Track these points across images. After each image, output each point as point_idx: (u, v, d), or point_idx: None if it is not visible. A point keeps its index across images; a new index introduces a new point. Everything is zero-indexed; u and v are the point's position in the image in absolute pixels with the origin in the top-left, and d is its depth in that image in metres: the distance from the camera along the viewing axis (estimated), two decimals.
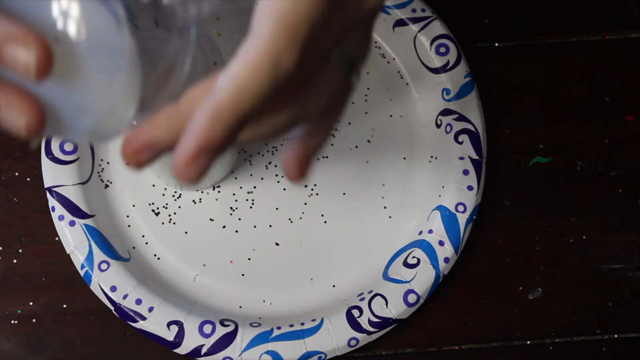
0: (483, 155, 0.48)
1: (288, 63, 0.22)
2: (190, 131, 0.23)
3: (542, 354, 0.49)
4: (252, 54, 0.22)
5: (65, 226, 0.46)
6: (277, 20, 0.22)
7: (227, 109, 0.22)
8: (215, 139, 0.23)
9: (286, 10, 0.22)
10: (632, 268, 0.50)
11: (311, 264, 0.48)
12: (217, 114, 0.22)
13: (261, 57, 0.22)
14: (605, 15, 0.53)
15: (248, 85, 0.22)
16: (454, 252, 0.47)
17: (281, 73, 0.22)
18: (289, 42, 0.22)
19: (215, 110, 0.22)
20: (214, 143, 0.23)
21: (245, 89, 0.22)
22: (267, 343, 0.45)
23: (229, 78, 0.22)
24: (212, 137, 0.23)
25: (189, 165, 0.23)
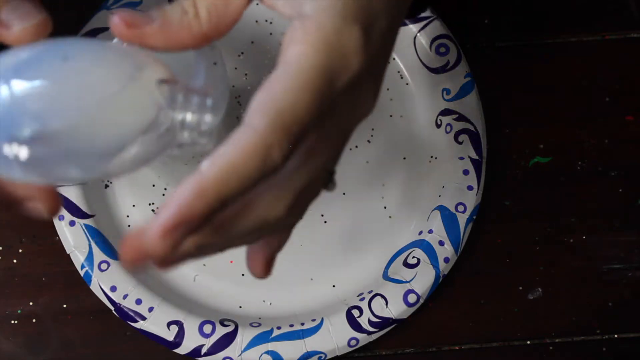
0: (483, 155, 0.48)
1: (277, 157, 0.24)
2: (171, 202, 0.23)
3: (542, 354, 0.49)
4: (245, 141, 0.23)
5: (65, 226, 0.46)
6: (272, 116, 0.23)
7: (212, 188, 0.23)
8: (194, 215, 0.23)
9: (282, 108, 0.24)
10: (632, 268, 0.50)
11: (311, 264, 0.48)
12: (201, 190, 0.23)
13: (253, 146, 0.23)
14: (605, 15, 0.53)
15: (237, 170, 0.23)
16: (454, 252, 0.47)
17: (269, 165, 0.24)
18: (282, 137, 0.23)
19: (200, 186, 0.23)
20: (192, 218, 0.23)
21: (233, 172, 0.23)
22: (267, 343, 0.45)
23: (219, 159, 0.23)
24: (192, 212, 0.23)
25: (165, 236, 0.23)
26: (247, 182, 0.24)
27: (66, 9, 0.48)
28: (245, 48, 0.51)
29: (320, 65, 0.24)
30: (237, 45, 0.51)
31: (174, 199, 0.23)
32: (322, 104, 0.24)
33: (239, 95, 0.50)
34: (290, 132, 0.24)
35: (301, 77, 0.24)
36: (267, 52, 0.51)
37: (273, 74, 0.25)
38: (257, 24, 0.51)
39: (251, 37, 0.51)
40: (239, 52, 0.51)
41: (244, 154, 0.23)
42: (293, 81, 0.24)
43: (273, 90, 0.24)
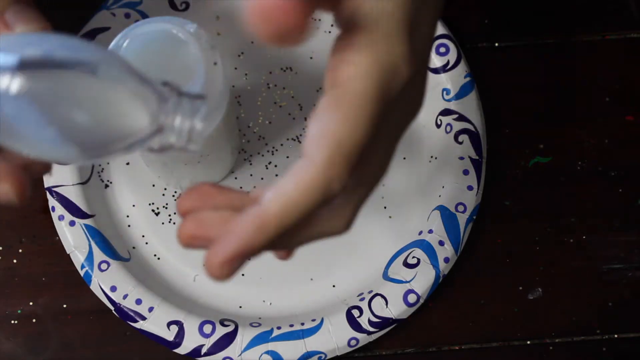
0: (483, 155, 0.48)
1: (337, 188, 0.24)
2: (231, 234, 0.24)
3: (542, 354, 0.49)
4: (305, 177, 0.24)
5: (65, 226, 0.46)
6: (331, 148, 0.24)
7: (273, 222, 0.24)
8: (254, 247, 0.24)
9: (340, 138, 0.24)
10: (632, 268, 0.50)
11: (311, 264, 0.48)
12: (262, 224, 0.24)
13: (314, 181, 0.24)
14: (605, 15, 0.53)
15: (298, 205, 0.24)
16: (454, 252, 0.47)
17: (328, 196, 0.24)
18: (342, 169, 0.24)
19: (261, 221, 0.24)
20: (252, 250, 0.24)
21: (295, 207, 0.24)
22: (267, 343, 0.45)
23: (281, 194, 0.24)
24: (252, 245, 0.24)
25: (224, 266, 0.24)
26: (307, 215, 0.24)
27: (66, 9, 0.48)
28: (245, 48, 0.51)
29: (375, 88, 0.24)
30: (237, 45, 0.51)
31: (234, 231, 0.24)
32: (379, 123, 0.25)
33: (239, 95, 0.50)
34: (350, 162, 0.24)
35: (357, 104, 0.24)
36: (267, 52, 0.51)
37: (324, 99, 0.25)
38: None
39: (251, 37, 0.51)
40: (239, 52, 0.51)
41: (305, 189, 0.24)
42: (349, 108, 0.24)
43: (329, 119, 0.24)
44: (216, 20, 0.51)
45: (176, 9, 0.50)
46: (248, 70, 0.50)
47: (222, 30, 0.51)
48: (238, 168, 0.49)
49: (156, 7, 0.49)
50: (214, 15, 0.51)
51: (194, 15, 0.50)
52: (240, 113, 0.50)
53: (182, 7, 0.50)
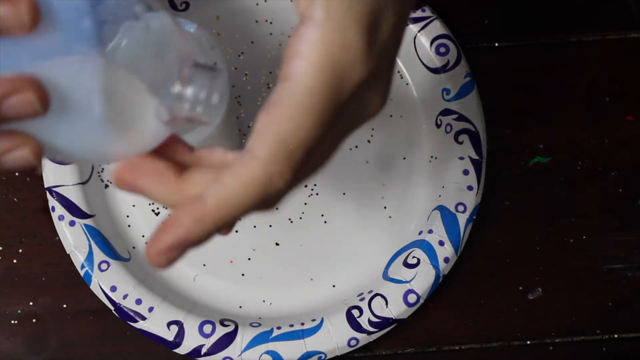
0: (483, 155, 0.48)
1: (280, 185, 0.24)
2: (169, 224, 0.24)
3: (542, 354, 0.49)
4: (246, 171, 0.24)
5: (65, 226, 0.46)
6: (275, 144, 0.24)
7: (211, 215, 0.24)
8: (191, 239, 0.24)
9: (285, 136, 0.24)
10: (632, 268, 0.50)
11: (311, 264, 0.48)
12: (200, 216, 0.24)
13: (255, 176, 0.24)
14: (605, 15, 0.53)
15: (236, 199, 0.24)
16: (454, 252, 0.47)
17: (272, 193, 0.24)
18: (284, 167, 0.24)
19: (199, 213, 0.24)
20: (189, 241, 0.24)
21: (233, 201, 0.24)
22: (267, 343, 0.45)
23: (221, 188, 0.24)
24: (189, 236, 0.24)
25: (160, 255, 0.25)
26: (246, 210, 0.24)
27: None
28: (245, 48, 0.51)
29: (325, 87, 0.24)
30: (237, 45, 0.51)
31: (173, 222, 0.24)
32: (327, 122, 0.24)
33: (239, 95, 0.50)
34: (294, 160, 0.24)
35: (305, 101, 0.24)
36: (267, 52, 0.51)
37: (275, 92, 0.24)
38: (257, 24, 0.51)
39: (251, 37, 0.51)
40: (239, 52, 0.51)
41: (245, 185, 0.24)
42: (297, 106, 0.24)
43: (276, 114, 0.24)
44: (216, 20, 0.51)
45: (176, 9, 0.50)
46: (248, 70, 0.50)
47: (222, 30, 0.51)
48: None
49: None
50: (214, 15, 0.51)
51: (194, 15, 0.50)
52: (240, 113, 0.50)
53: (182, 7, 0.50)
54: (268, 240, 0.48)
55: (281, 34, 0.51)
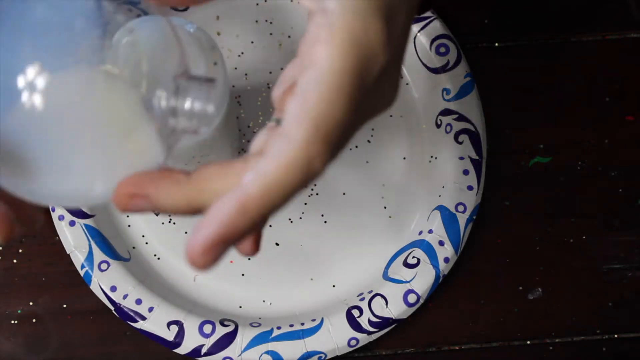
0: (483, 155, 0.48)
1: (319, 167, 0.24)
2: (211, 218, 0.23)
3: (542, 354, 0.49)
4: (285, 156, 0.23)
5: (65, 226, 0.46)
6: (311, 126, 0.23)
7: (255, 204, 0.23)
8: (237, 230, 0.23)
9: (321, 117, 0.23)
10: (632, 268, 0.50)
11: (311, 264, 0.48)
12: (244, 206, 0.23)
13: (295, 160, 0.23)
14: (605, 15, 0.53)
15: (279, 185, 0.23)
16: (454, 252, 0.47)
17: (311, 175, 0.24)
18: (322, 148, 0.23)
19: (243, 203, 0.23)
20: (235, 233, 0.23)
21: (276, 187, 0.23)
22: (267, 343, 0.45)
23: (261, 175, 0.23)
24: (234, 228, 0.23)
25: (207, 252, 0.23)
26: (290, 195, 0.24)
27: None
28: (245, 48, 0.51)
29: (352, 68, 0.24)
30: (237, 45, 0.51)
31: (214, 215, 0.23)
32: (357, 104, 0.24)
33: (239, 95, 0.50)
34: (330, 139, 0.24)
35: (335, 82, 0.23)
36: (267, 52, 0.51)
37: (304, 79, 0.24)
38: (257, 24, 0.51)
39: (251, 37, 0.51)
40: (239, 52, 0.51)
41: (286, 169, 0.23)
42: (328, 88, 0.23)
43: (308, 98, 0.23)
44: (216, 20, 0.51)
45: (176, 8, 0.50)
46: (248, 70, 0.50)
47: (222, 30, 0.51)
48: None
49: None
50: (214, 15, 0.51)
51: (194, 15, 0.50)
52: (240, 113, 0.50)
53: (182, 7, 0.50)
54: (268, 240, 0.48)
55: (281, 34, 0.51)
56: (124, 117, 0.25)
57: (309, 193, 0.49)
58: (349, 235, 0.49)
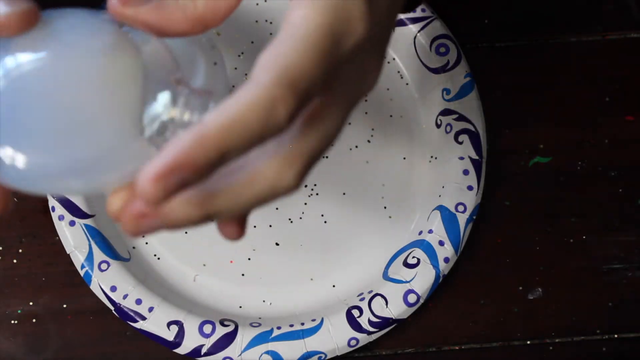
0: (483, 155, 0.48)
1: (281, 112, 0.23)
2: (169, 147, 0.22)
3: (542, 354, 0.49)
4: (249, 95, 0.23)
5: (65, 226, 0.46)
6: (278, 72, 0.23)
7: (212, 138, 0.22)
8: (191, 163, 0.22)
9: (289, 65, 0.23)
10: (632, 268, 0.50)
11: (311, 264, 0.48)
12: (201, 138, 0.22)
13: (258, 99, 0.23)
14: (605, 15, 0.53)
15: (239, 122, 0.22)
16: (454, 252, 0.47)
17: (273, 120, 0.23)
18: (287, 93, 0.23)
19: (200, 135, 0.22)
20: (188, 166, 0.22)
21: (236, 124, 0.22)
22: (267, 343, 0.45)
23: (222, 111, 0.23)
24: (190, 159, 0.22)
25: (159, 179, 0.22)
26: (251, 136, 0.23)
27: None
28: (245, 48, 0.51)
29: (326, 26, 0.24)
30: (237, 45, 0.51)
31: (172, 144, 0.22)
32: (328, 64, 0.24)
33: None
34: (296, 87, 0.23)
35: (307, 37, 0.24)
36: None
37: (278, 35, 0.24)
38: (257, 24, 0.51)
39: (251, 37, 0.51)
40: (239, 52, 0.51)
41: (249, 106, 0.22)
42: (299, 41, 0.24)
43: (279, 48, 0.24)
44: None
45: None
46: (248, 70, 0.50)
47: (222, 30, 0.51)
48: None
49: None
50: None
51: None
52: None
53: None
54: (268, 240, 0.48)
55: None
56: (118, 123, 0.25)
57: (309, 193, 0.49)
58: (349, 235, 0.49)
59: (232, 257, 0.48)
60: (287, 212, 0.49)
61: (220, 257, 0.48)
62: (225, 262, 0.48)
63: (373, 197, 0.49)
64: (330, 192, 0.49)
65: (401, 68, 0.51)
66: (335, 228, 0.49)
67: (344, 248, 0.48)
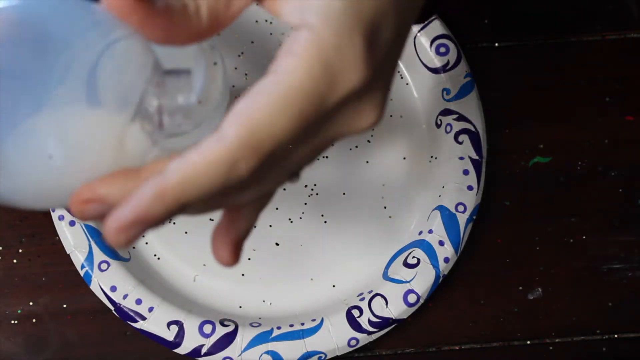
0: (483, 155, 0.48)
1: (242, 171, 0.23)
2: (130, 201, 0.23)
3: (542, 354, 0.49)
4: (212, 150, 0.23)
5: (65, 226, 0.46)
6: (245, 131, 0.23)
7: (171, 193, 0.23)
8: (151, 216, 0.23)
9: (257, 125, 0.23)
10: (632, 268, 0.50)
11: (311, 264, 0.48)
12: (161, 194, 0.23)
13: (220, 156, 0.23)
14: (605, 15, 0.53)
15: (198, 178, 0.23)
16: (454, 252, 0.47)
17: (233, 178, 0.23)
18: (250, 154, 0.23)
19: (160, 190, 0.23)
20: (149, 219, 0.23)
21: (195, 180, 0.23)
22: (267, 343, 0.45)
23: (183, 164, 0.23)
24: (149, 214, 0.23)
25: (120, 232, 0.23)
26: (208, 192, 0.23)
27: None
28: (245, 48, 0.51)
29: (310, 88, 0.23)
30: (237, 45, 0.51)
31: (134, 197, 0.23)
32: (304, 128, 0.24)
33: (239, 96, 0.50)
34: (260, 150, 0.23)
35: (287, 96, 0.23)
36: (267, 52, 0.51)
37: (260, 82, 0.23)
38: (257, 24, 0.51)
39: (251, 37, 0.51)
40: (239, 52, 0.51)
41: (208, 163, 0.23)
42: (277, 99, 0.23)
43: (255, 102, 0.23)
44: None
45: None
46: (248, 70, 0.50)
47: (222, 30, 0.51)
48: None
49: None
50: None
51: None
52: None
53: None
54: (268, 240, 0.48)
55: (281, 34, 0.51)
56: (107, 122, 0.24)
57: (309, 193, 0.49)
58: (349, 235, 0.49)
59: None
60: (287, 212, 0.49)
61: None
62: None
63: (373, 197, 0.49)
64: (330, 192, 0.49)
65: (401, 68, 0.51)
66: (335, 228, 0.49)
67: (344, 248, 0.48)
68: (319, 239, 0.49)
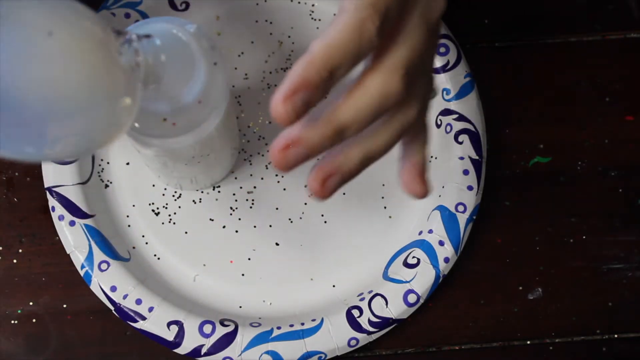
0: (483, 155, 0.48)
1: (371, 27, 0.28)
2: (288, 77, 0.28)
3: (542, 354, 0.49)
4: (341, 21, 0.28)
5: (65, 226, 0.46)
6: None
7: (319, 59, 0.28)
8: (307, 81, 0.27)
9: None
10: (632, 268, 0.50)
11: (311, 264, 0.48)
12: (311, 61, 0.27)
13: (348, 23, 0.28)
14: (605, 15, 0.53)
15: (337, 42, 0.28)
16: (454, 252, 0.47)
17: (365, 36, 0.28)
18: (371, 12, 0.28)
19: (309, 59, 0.28)
20: (306, 84, 0.27)
21: (335, 44, 0.28)
22: (267, 343, 0.45)
23: (322, 37, 0.28)
24: (305, 79, 0.27)
25: (287, 99, 0.27)
26: (350, 52, 0.28)
27: None
28: (245, 48, 0.51)
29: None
30: (237, 45, 0.51)
31: (290, 75, 0.28)
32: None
33: (239, 95, 0.50)
34: (377, 6, 0.28)
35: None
36: (267, 52, 0.51)
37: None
38: (257, 24, 0.51)
39: (251, 37, 0.51)
40: (239, 52, 0.51)
41: (342, 29, 0.28)
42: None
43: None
44: (216, 20, 0.51)
45: (176, 9, 0.50)
46: (248, 70, 0.50)
47: (222, 30, 0.51)
48: (238, 168, 0.49)
49: (156, 7, 0.49)
50: (214, 15, 0.51)
51: (194, 15, 0.50)
52: (240, 113, 0.50)
53: (182, 7, 0.50)
54: (268, 240, 0.48)
55: (281, 34, 0.51)
56: None
57: (309, 193, 0.49)
58: (349, 235, 0.49)
59: (232, 257, 0.48)
60: (287, 212, 0.49)
61: (220, 257, 0.48)
62: (225, 262, 0.48)
63: (373, 197, 0.49)
64: None
65: None
66: (335, 228, 0.49)
67: (344, 248, 0.48)
68: (319, 239, 0.49)
